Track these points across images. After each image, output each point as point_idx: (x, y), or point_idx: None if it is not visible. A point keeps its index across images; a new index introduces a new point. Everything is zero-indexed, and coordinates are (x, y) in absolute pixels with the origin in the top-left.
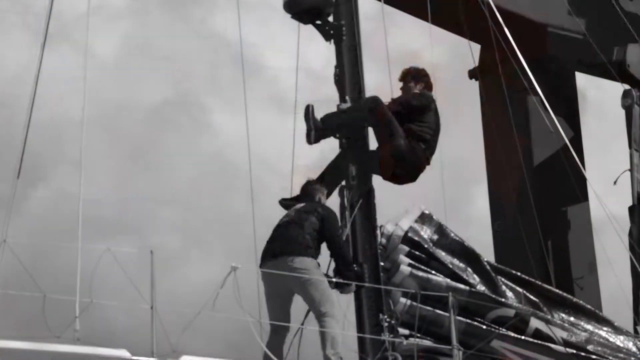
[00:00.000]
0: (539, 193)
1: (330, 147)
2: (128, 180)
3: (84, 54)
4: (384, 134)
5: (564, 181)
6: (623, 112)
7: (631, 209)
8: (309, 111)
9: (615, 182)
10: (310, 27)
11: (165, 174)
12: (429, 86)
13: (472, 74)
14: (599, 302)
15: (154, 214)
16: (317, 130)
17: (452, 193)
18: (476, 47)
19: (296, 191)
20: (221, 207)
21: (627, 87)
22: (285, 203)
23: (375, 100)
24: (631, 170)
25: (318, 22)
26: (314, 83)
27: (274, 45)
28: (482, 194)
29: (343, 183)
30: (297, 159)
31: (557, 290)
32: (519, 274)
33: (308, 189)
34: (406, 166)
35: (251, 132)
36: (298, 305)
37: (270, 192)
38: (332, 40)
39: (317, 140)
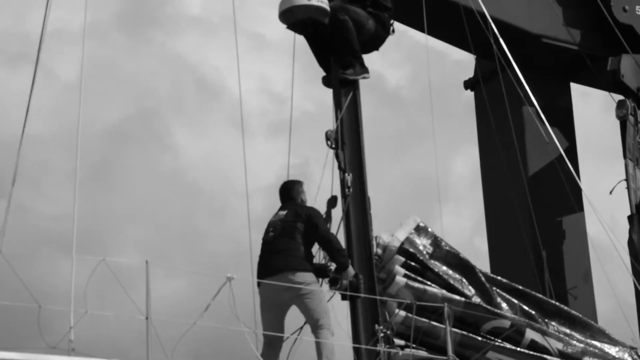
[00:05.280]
0: (535, 203)
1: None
2: (89, 197)
3: (47, 74)
4: None
5: (559, 191)
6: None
7: (630, 218)
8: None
9: (611, 192)
10: (272, 50)
11: (127, 191)
12: None
13: (468, 85)
14: (594, 312)
15: (115, 231)
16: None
17: (415, 210)
18: (471, 58)
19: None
20: (183, 225)
21: (622, 97)
22: None
23: None
24: (627, 180)
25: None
26: (276, 105)
27: (236, 68)
28: (447, 211)
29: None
30: (261, 180)
31: (553, 301)
32: (514, 284)
33: (289, 192)
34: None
35: (215, 153)
36: (292, 317)
37: (233, 211)
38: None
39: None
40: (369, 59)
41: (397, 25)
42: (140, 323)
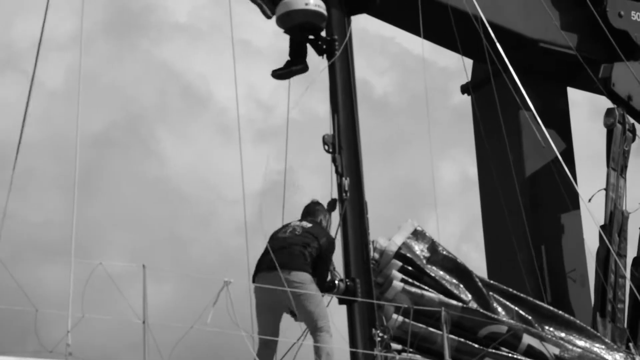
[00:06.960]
0: (531, 205)
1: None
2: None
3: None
4: None
5: (556, 194)
6: None
7: (603, 228)
8: None
9: (590, 200)
10: (257, 59)
11: (112, 198)
12: None
13: (465, 89)
14: (591, 317)
15: (101, 237)
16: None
17: (403, 216)
18: (468, 62)
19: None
20: (168, 232)
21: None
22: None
23: None
24: (606, 189)
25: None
26: (262, 113)
27: (223, 75)
28: (435, 217)
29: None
30: (248, 187)
31: (549, 307)
32: (510, 289)
33: (311, 209)
34: None
35: (200, 159)
36: (290, 319)
37: (219, 218)
38: (325, 55)
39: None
40: (359, 61)
41: (390, 30)
42: (134, 327)
